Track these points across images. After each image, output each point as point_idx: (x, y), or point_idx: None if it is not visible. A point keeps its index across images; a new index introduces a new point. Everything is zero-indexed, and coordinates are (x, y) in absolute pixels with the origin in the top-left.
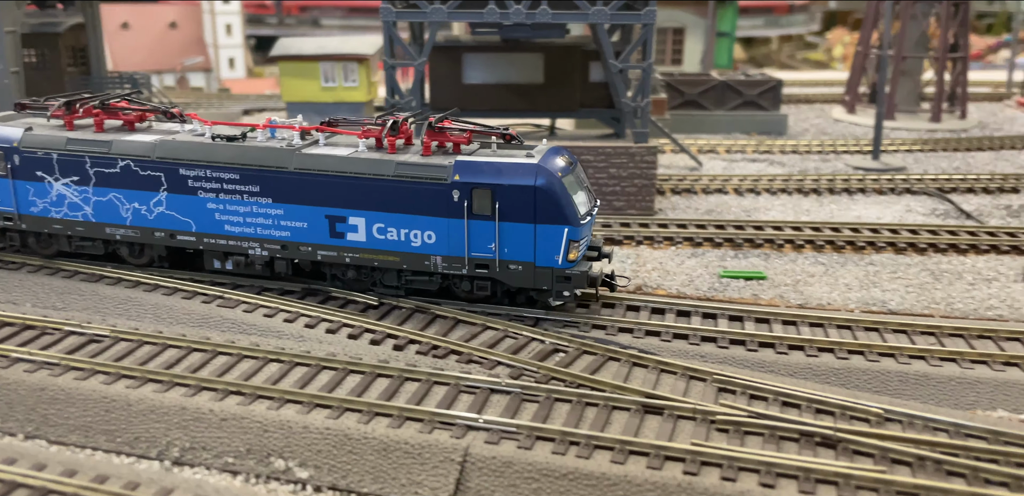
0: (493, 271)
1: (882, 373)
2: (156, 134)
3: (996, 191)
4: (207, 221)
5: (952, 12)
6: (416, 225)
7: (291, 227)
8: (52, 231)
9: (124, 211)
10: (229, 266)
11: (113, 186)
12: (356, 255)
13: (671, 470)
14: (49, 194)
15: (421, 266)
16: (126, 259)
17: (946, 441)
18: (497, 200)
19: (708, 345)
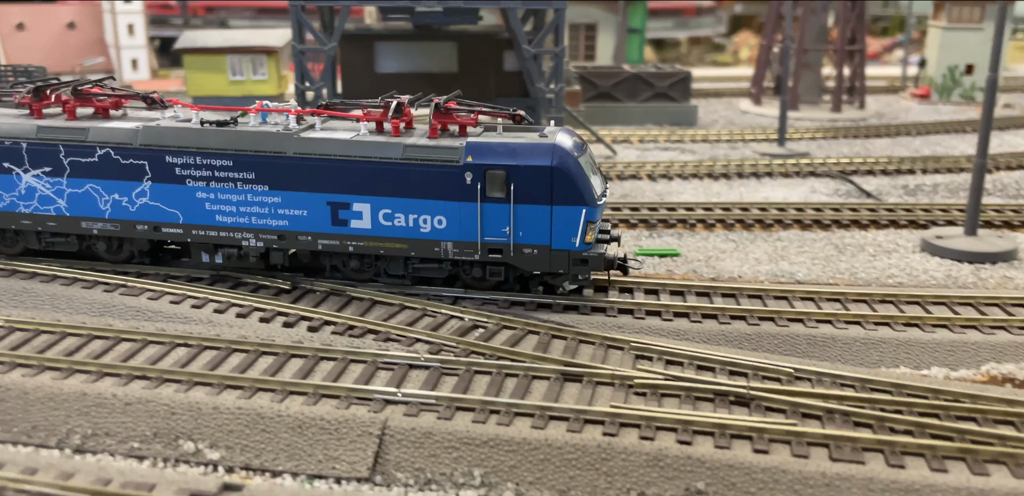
0: (507, 256)
1: (792, 337)
2: (135, 121)
3: (894, 172)
4: (196, 211)
5: (849, 7)
6: (425, 210)
7: (289, 215)
8: (20, 227)
9: (102, 203)
10: (219, 260)
11: (90, 176)
12: (360, 243)
13: (591, 432)
14: (17, 187)
15: (431, 253)
16: (102, 256)
17: (853, 395)
18: (512, 182)
19: (625, 317)
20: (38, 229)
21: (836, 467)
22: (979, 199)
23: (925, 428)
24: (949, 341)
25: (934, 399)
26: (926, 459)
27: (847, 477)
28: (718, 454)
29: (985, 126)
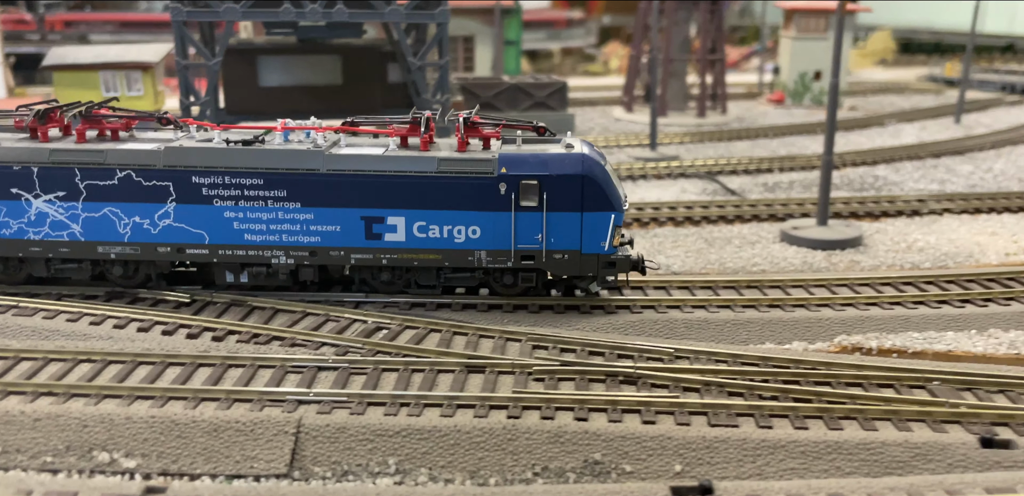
0: (539, 261)
1: (671, 322)
2: (150, 142)
3: (754, 172)
4: (224, 231)
5: (709, 19)
6: (460, 221)
7: (322, 231)
8: (28, 255)
9: (122, 226)
10: (244, 279)
11: (109, 200)
12: (394, 256)
13: (496, 416)
14: (26, 213)
15: (464, 262)
16: (115, 282)
17: (726, 369)
18: (545, 191)
19: (521, 312)
20: (48, 256)
21: (714, 431)
22: (828, 193)
23: (788, 393)
24: (806, 319)
25: (795, 368)
26: (790, 419)
27: (724, 439)
28: (611, 427)
29: (830, 128)
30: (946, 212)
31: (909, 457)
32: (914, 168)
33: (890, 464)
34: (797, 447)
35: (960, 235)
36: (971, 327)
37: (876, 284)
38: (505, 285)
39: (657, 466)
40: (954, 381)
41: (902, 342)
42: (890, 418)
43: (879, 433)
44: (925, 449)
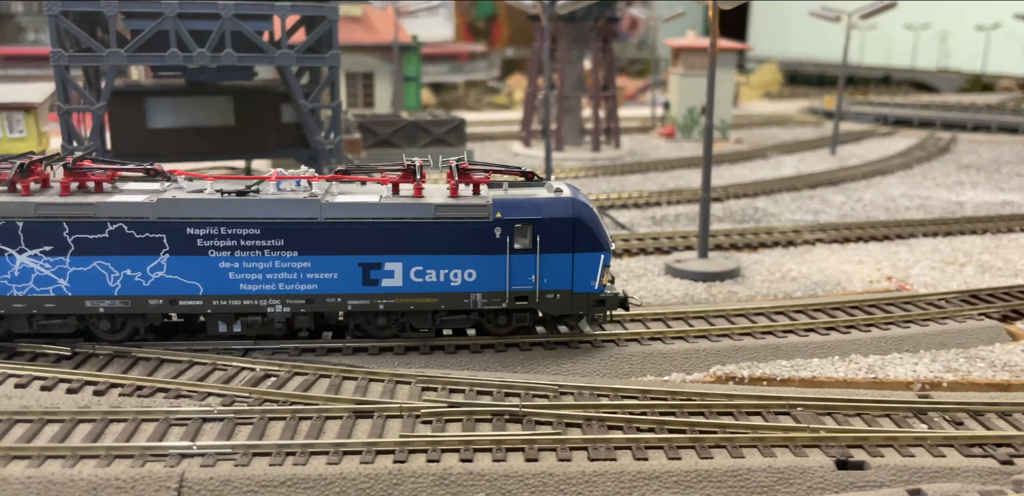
0: (532, 302)
1: (557, 357)
2: (138, 193)
3: (644, 205)
4: (218, 282)
5: (601, 57)
6: (456, 264)
7: (319, 279)
8: (10, 312)
9: (112, 280)
10: (238, 329)
11: (98, 253)
12: (391, 301)
13: (382, 462)
14: (9, 269)
15: (460, 305)
16: (101, 337)
17: (607, 403)
18: (538, 234)
19: (412, 354)
20: (32, 312)
21: (593, 465)
22: (707, 227)
23: (664, 425)
24: (684, 350)
25: (671, 400)
26: (664, 450)
27: (602, 473)
28: (495, 467)
29: (706, 165)
30: (818, 242)
31: (772, 481)
32: (791, 199)
33: (755, 489)
34: (671, 477)
35: (830, 264)
36: (834, 353)
37: (750, 314)
38: (499, 325)
39: None
40: (816, 406)
41: (771, 370)
42: (756, 445)
43: (746, 460)
44: (787, 473)
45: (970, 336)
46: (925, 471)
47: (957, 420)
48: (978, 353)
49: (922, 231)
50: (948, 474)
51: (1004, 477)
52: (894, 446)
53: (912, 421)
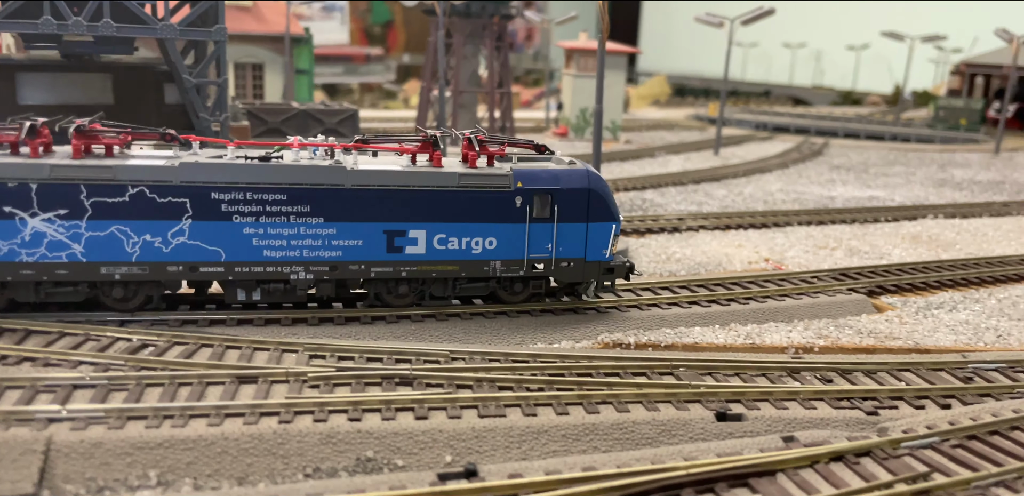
0: (548, 270)
1: (450, 327)
2: (153, 158)
3: None
4: (241, 248)
5: (496, 54)
6: (477, 233)
7: (344, 246)
8: (17, 278)
9: (130, 246)
10: (257, 297)
11: (117, 218)
12: (414, 268)
13: (267, 423)
14: (20, 234)
15: (480, 272)
16: (111, 305)
17: (499, 366)
18: (556, 203)
19: (300, 325)
20: (43, 278)
21: (483, 422)
22: None
23: (553, 384)
24: (575, 320)
25: (561, 363)
26: (553, 407)
27: (492, 428)
28: (384, 425)
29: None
30: (701, 228)
31: (656, 433)
32: (677, 192)
33: (640, 440)
34: (559, 431)
35: (712, 248)
36: (715, 323)
37: (637, 289)
38: (514, 293)
39: (428, 458)
40: (697, 367)
41: (656, 337)
42: (641, 401)
43: (631, 414)
44: (670, 425)
45: (839, 308)
46: (798, 421)
47: (827, 378)
48: (847, 322)
49: (797, 220)
50: (819, 424)
51: (870, 426)
52: (770, 400)
53: (786, 379)
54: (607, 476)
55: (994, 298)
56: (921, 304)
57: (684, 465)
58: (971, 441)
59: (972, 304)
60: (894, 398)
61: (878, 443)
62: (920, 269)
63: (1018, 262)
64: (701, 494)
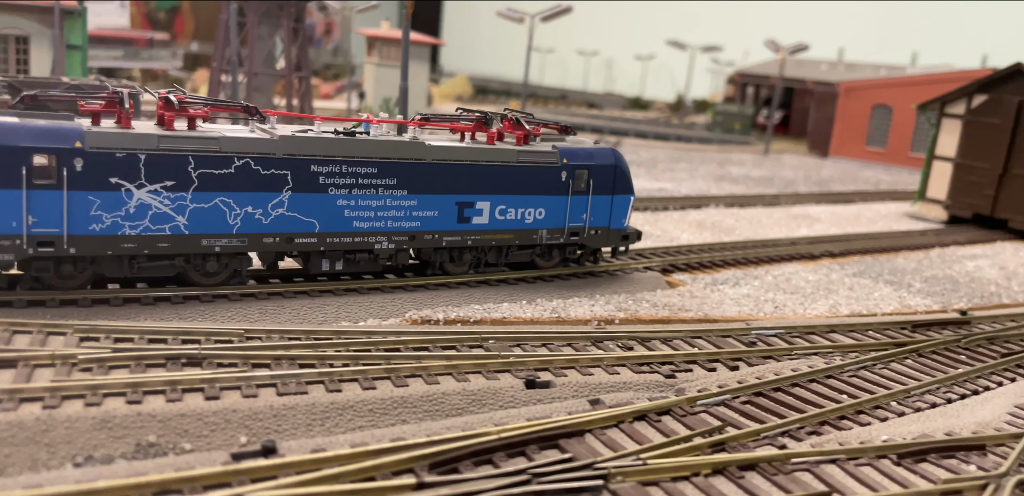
0: (582, 237)
1: (245, 307)
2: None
3: None
4: (335, 219)
5: (293, 35)
6: (530, 204)
7: (422, 217)
8: (118, 252)
9: (232, 217)
10: (340, 267)
11: (222, 189)
12: (478, 237)
13: (29, 408)
14: (124, 206)
15: (530, 240)
16: (197, 280)
17: (299, 343)
18: (591, 178)
19: (70, 306)
20: (144, 252)
21: (282, 400)
22: None
23: (359, 360)
24: (380, 299)
25: (367, 339)
26: (359, 382)
27: (292, 406)
28: (169, 407)
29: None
30: None
31: (467, 403)
32: None
33: (450, 410)
34: (365, 406)
35: None
36: (522, 299)
37: None
38: (550, 259)
39: (221, 440)
40: (506, 339)
41: (465, 313)
42: (451, 372)
43: (440, 385)
44: (480, 395)
45: (637, 284)
46: (603, 386)
47: (628, 346)
48: (644, 297)
49: None
50: (622, 387)
51: (668, 388)
52: (575, 367)
53: (591, 348)
54: (416, 445)
55: (770, 275)
56: (708, 280)
57: (495, 430)
58: (758, 397)
59: (752, 280)
60: (689, 362)
61: (676, 402)
62: (706, 250)
63: (788, 244)
64: (512, 457)
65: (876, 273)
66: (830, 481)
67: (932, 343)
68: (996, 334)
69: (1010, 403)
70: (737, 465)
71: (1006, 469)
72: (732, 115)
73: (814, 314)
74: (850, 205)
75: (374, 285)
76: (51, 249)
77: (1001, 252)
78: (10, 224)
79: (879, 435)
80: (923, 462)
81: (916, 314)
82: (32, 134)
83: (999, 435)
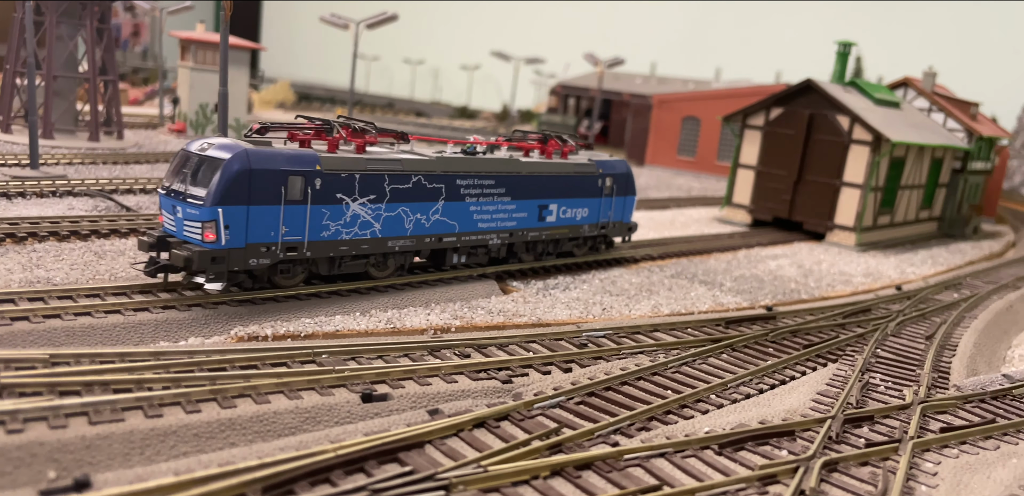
0: (608, 230)
1: (49, 330)
2: (401, 153)
3: (153, 191)
4: (468, 221)
5: (97, 37)
6: (580, 205)
7: (518, 217)
8: (336, 254)
9: (407, 223)
10: (463, 259)
11: (403, 200)
12: (549, 233)
13: None
14: (343, 216)
15: (577, 233)
16: (373, 274)
17: (112, 367)
18: (615, 183)
19: None
20: (352, 253)
21: (96, 429)
22: None
23: (181, 382)
24: (203, 316)
25: (188, 359)
26: (182, 405)
27: (107, 435)
28: None
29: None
30: None
31: (300, 421)
32: None
33: (283, 430)
34: (189, 430)
35: None
36: (356, 311)
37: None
38: (581, 247)
39: (27, 477)
40: (340, 352)
41: (296, 328)
42: (282, 390)
43: (271, 405)
44: (314, 412)
45: (472, 292)
46: (441, 395)
47: (465, 353)
48: (479, 304)
49: None
50: (461, 395)
51: (506, 393)
52: (413, 378)
53: (428, 358)
54: (247, 469)
55: (597, 279)
56: (540, 286)
57: (332, 448)
58: (591, 397)
59: (581, 284)
60: (525, 366)
61: (514, 407)
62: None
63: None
64: (351, 474)
65: (692, 274)
66: (660, 474)
67: (744, 338)
68: (798, 327)
69: (813, 391)
70: (574, 465)
71: (813, 452)
72: (556, 125)
73: (638, 314)
74: (666, 210)
75: (195, 301)
76: (295, 253)
77: (799, 252)
78: (270, 234)
79: (702, 427)
80: (741, 450)
81: (728, 311)
82: (287, 160)
83: (805, 421)
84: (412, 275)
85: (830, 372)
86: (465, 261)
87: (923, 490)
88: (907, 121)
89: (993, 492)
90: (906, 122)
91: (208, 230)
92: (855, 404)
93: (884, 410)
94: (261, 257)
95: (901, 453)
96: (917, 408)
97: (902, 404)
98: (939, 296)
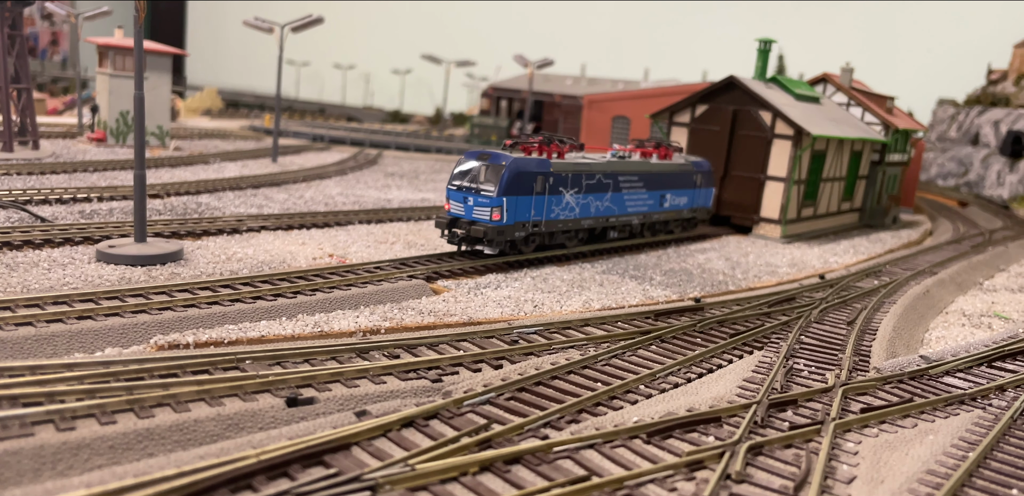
0: (697, 213)
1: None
2: (586, 158)
3: (71, 201)
4: (622, 207)
5: (9, 44)
6: (682, 195)
7: (648, 203)
8: (555, 230)
9: (591, 208)
10: (615, 235)
11: (590, 192)
12: (666, 216)
13: None
14: (562, 202)
15: (679, 216)
16: (565, 243)
17: (21, 381)
18: (702, 178)
19: None
20: (563, 229)
21: (3, 445)
22: (144, 209)
23: (95, 393)
24: (120, 325)
25: (104, 370)
26: (96, 417)
27: (16, 451)
28: None
29: (139, 139)
30: (263, 229)
31: (222, 429)
32: (235, 196)
33: (204, 438)
34: (104, 443)
35: (275, 246)
36: (282, 315)
37: (195, 289)
38: (679, 226)
39: None
40: (265, 358)
41: (219, 334)
42: (204, 398)
43: (192, 413)
44: (237, 419)
45: (402, 293)
46: (370, 396)
47: (394, 354)
48: (409, 305)
49: (357, 219)
50: (390, 396)
51: (435, 392)
52: (340, 380)
53: (356, 360)
54: (164, 478)
55: (529, 276)
56: (472, 285)
57: (253, 453)
58: (521, 393)
59: (512, 282)
60: (455, 365)
61: (443, 405)
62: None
63: None
64: (274, 479)
65: (623, 269)
66: (589, 465)
67: (672, 329)
68: (725, 317)
69: (739, 378)
70: (503, 460)
71: (738, 437)
72: (488, 127)
73: (570, 310)
74: None
75: (110, 310)
76: (537, 229)
77: (727, 245)
78: (527, 215)
79: (631, 417)
80: (669, 438)
81: (658, 304)
82: (536, 165)
83: (731, 407)
84: (584, 245)
85: (756, 359)
86: (616, 236)
87: (845, 469)
88: (827, 115)
89: (912, 468)
90: (826, 116)
91: (495, 212)
92: (779, 389)
93: (807, 394)
94: (520, 230)
95: (823, 434)
96: (839, 391)
97: (824, 387)
98: (860, 283)
